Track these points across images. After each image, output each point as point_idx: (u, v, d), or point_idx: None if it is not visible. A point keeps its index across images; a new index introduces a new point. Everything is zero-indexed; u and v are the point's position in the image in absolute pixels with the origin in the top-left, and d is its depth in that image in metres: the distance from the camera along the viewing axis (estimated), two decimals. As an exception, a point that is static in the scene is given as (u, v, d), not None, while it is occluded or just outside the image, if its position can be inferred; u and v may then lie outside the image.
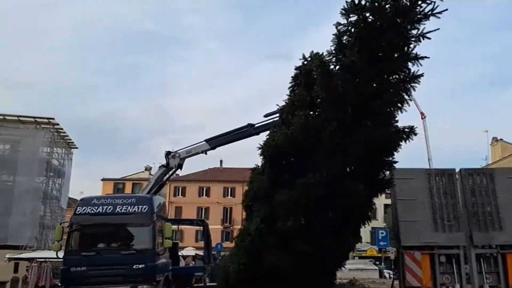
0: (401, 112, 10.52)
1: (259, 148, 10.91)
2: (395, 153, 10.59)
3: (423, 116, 48.68)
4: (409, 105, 10.58)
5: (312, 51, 10.32)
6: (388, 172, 10.85)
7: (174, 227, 20.22)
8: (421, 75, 10.19)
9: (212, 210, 57.37)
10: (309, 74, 10.26)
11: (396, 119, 10.63)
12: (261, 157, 10.96)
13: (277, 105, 11.05)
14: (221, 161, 62.85)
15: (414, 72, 10.29)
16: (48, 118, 36.32)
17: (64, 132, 38.78)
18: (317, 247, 9.54)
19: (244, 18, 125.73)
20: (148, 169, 63.09)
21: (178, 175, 63.00)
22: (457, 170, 10.97)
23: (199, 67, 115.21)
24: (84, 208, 13.74)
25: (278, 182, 10.26)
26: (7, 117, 35.45)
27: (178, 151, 17.45)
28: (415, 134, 10.57)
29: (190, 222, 24.08)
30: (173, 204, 57.71)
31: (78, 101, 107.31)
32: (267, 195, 10.30)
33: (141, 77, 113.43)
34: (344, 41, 10.15)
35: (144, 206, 13.97)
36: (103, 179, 62.12)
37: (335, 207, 9.86)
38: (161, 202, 16.02)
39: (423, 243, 10.18)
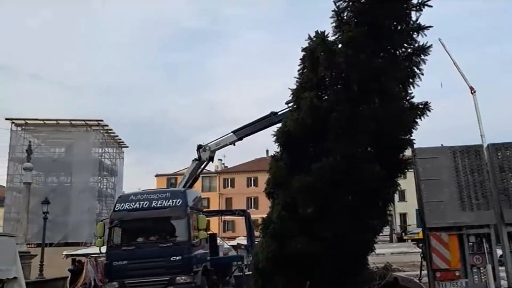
0: (413, 87, 10.18)
1: (274, 135, 10.93)
2: (413, 131, 10.28)
3: (472, 91, 46.23)
4: (420, 80, 10.20)
5: (317, 30, 10.14)
6: (409, 153, 10.54)
7: (210, 218, 20.76)
8: (430, 46, 9.83)
9: (261, 200, 57.78)
10: (313, 54, 10.11)
11: (412, 94, 10.31)
12: (277, 144, 10.96)
13: (289, 88, 10.97)
14: (267, 151, 63.18)
15: (423, 44, 9.91)
16: (97, 120, 38.25)
17: (114, 133, 40.67)
18: (337, 232, 9.47)
19: (287, 6, 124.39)
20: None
21: (226, 165, 64.56)
22: (485, 146, 10.46)
23: (245, 59, 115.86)
24: (122, 204, 14.45)
25: (294, 168, 10.24)
26: (60, 122, 37.70)
27: (208, 144, 17.89)
28: (429, 110, 10.19)
29: (232, 212, 24.49)
30: (223, 196, 58.88)
31: (132, 100, 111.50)
32: (285, 182, 10.31)
33: (189, 72, 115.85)
34: (343, 18, 9.94)
35: (178, 200, 14.46)
36: (156, 175, 64.39)
37: (353, 190, 9.70)
38: (196, 196, 16.50)
39: (450, 224, 9.78)
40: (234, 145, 17.83)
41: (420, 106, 10.22)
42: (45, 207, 23.93)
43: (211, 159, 18.26)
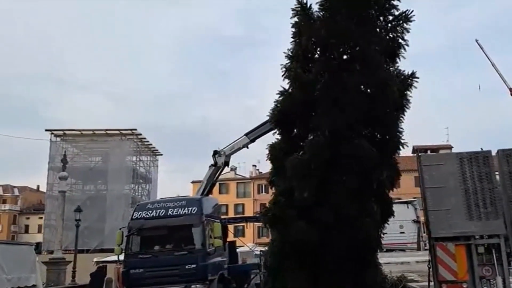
0: (399, 59, 9.95)
1: (268, 117, 10.76)
2: (405, 107, 9.96)
3: (512, 93, 44.13)
4: (405, 50, 9.96)
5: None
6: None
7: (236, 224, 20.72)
8: (412, 15, 9.68)
9: None
10: (298, 25, 10.03)
11: (396, 66, 10.06)
12: (272, 125, 10.81)
13: (280, 64, 10.86)
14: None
15: (405, 12, 9.74)
16: (131, 130, 39.43)
17: (148, 141, 41.77)
18: (337, 216, 9.17)
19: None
20: (233, 169, 65.12)
21: (261, 171, 64.23)
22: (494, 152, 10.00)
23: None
24: (140, 213, 14.77)
25: (290, 149, 10.09)
26: (96, 132, 39.15)
27: (223, 149, 17.93)
28: (416, 81, 9.86)
29: (256, 218, 24.46)
30: (258, 202, 58.92)
31: (175, 108, 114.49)
32: (282, 166, 10.15)
33: (230, 79, 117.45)
34: None
35: (194, 208, 14.62)
36: (192, 182, 65.44)
37: (347, 170, 9.39)
38: (213, 203, 16.62)
39: (457, 233, 9.39)
40: (247, 147, 17.79)
41: (405, 76, 9.93)
42: (78, 215, 24.82)
43: (226, 164, 18.21)
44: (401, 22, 9.75)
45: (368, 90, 9.88)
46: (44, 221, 38.41)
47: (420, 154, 10.14)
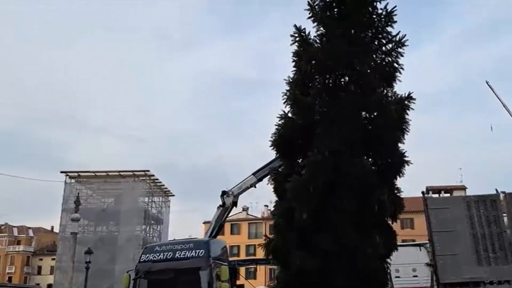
0: (395, 83, 10.19)
1: (270, 141, 10.88)
2: (405, 129, 10.03)
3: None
4: (401, 74, 10.29)
5: (295, 25, 10.49)
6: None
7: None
8: (405, 40, 10.04)
9: None
10: (297, 52, 10.39)
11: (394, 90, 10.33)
12: (274, 150, 10.92)
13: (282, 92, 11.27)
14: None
15: (399, 37, 10.10)
16: (144, 171, 39.80)
17: (160, 182, 42.02)
18: (337, 244, 9.01)
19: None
20: (245, 209, 64.68)
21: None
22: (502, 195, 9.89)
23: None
24: (147, 255, 14.75)
25: (291, 173, 10.11)
26: (110, 173, 39.60)
27: (232, 189, 17.96)
28: (413, 102, 9.98)
29: (266, 261, 24.06)
30: (270, 243, 57.99)
31: (190, 149, 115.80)
32: (284, 190, 10.15)
33: (244, 120, 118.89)
34: (315, 7, 10.41)
35: (201, 251, 14.55)
36: (204, 222, 65.06)
37: (348, 189, 9.31)
38: (220, 246, 16.52)
39: (466, 279, 9.20)
40: (255, 187, 17.80)
41: (403, 98, 10.09)
42: (88, 257, 24.76)
43: (235, 204, 18.22)
44: (395, 46, 10.13)
45: (365, 113, 10.12)
46: (55, 263, 38.29)
47: (426, 196, 10.04)
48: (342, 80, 10.21)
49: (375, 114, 9.80)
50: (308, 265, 9.01)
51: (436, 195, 49.69)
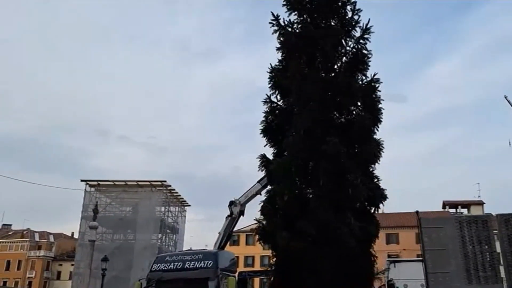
0: (366, 68, 10.77)
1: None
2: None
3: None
4: (369, 60, 11.35)
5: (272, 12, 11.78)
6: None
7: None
8: (370, 27, 11.37)
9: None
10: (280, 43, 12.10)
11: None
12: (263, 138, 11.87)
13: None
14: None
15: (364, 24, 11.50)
16: (161, 181, 40.67)
17: (177, 192, 42.82)
18: (319, 226, 9.57)
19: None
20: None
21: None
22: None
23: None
24: (158, 265, 15.40)
25: (277, 156, 11.48)
26: (128, 183, 40.59)
27: (239, 199, 18.34)
28: (379, 82, 10.71)
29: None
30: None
31: (210, 158, 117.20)
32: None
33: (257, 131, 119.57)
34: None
35: (210, 261, 15.12)
36: (219, 232, 65.54)
37: (323, 172, 9.92)
38: (229, 257, 17.04)
39: (456, 297, 9.56)
40: (260, 194, 18.18)
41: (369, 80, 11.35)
42: (104, 264, 25.60)
43: (242, 213, 18.42)
44: (362, 33, 10.98)
45: (332, 93, 10.87)
46: (74, 269, 39.29)
47: (420, 217, 10.44)
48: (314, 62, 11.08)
49: (343, 95, 10.59)
50: (292, 245, 9.66)
51: (453, 210, 49.34)
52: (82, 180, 40.36)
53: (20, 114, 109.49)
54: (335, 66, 11.36)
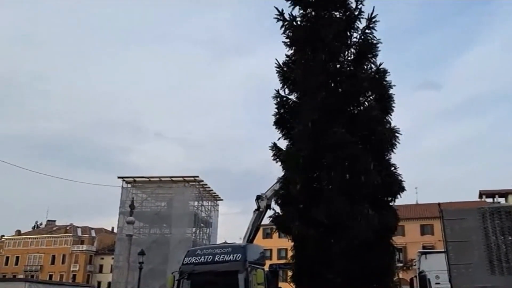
0: (372, 57, 11.18)
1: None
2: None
3: None
4: (377, 49, 11.43)
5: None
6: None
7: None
8: (375, 16, 11.28)
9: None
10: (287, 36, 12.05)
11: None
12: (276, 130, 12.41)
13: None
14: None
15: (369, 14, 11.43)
16: (194, 177, 41.61)
17: (209, 187, 43.67)
18: (332, 216, 9.75)
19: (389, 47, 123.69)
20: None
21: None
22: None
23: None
24: (190, 258, 16.00)
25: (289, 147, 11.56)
26: (162, 179, 41.74)
27: (265, 193, 18.56)
28: (387, 72, 10.65)
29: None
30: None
31: (244, 152, 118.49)
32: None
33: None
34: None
35: (238, 255, 15.58)
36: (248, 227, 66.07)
37: (334, 161, 10.09)
38: (257, 250, 17.44)
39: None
40: None
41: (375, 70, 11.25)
42: (141, 258, 26.58)
43: (268, 207, 18.61)
44: (368, 23, 11.05)
45: (335, 82, 11.03)
46: (113, 262, 40.82)
47: (442, 209, 10.43)
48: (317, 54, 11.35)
49: (348, 84, 10.70)
50: (306, 234, 9.92)
51: (490, 200, 47.89)
52: (119, 177, 41.81)
53: (61, 114, 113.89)
54: (340, 57, 11.51)
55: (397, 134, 11.06)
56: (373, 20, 11.54)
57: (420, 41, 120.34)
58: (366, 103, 11.29)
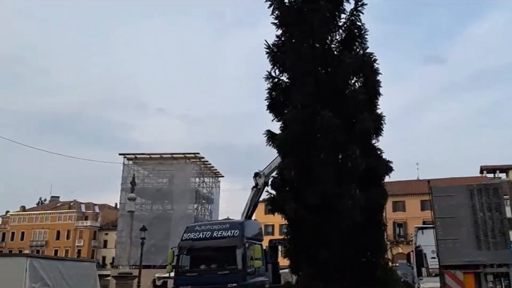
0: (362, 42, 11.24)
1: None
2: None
3: None
4: (364, 32, 11.44)
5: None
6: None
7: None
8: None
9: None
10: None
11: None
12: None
13: None
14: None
15: None
16: (194, 153, 41.88)
17: (210, 164, 44.02)
18: (324, 197, 10.13)
19: (394, 22, 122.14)
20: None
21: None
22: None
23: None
24: (188, 234, 16.38)
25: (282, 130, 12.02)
26: (163, 155, 42.06)
27: (263, 170, 18.79)
28: (374, 57, 11.17)
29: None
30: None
31: (247, 127, 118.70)
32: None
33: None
34: None
35: (236, 231, 15.93)
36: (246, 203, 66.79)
37: (323, 144, 10.43)
38: (255, 226, 17.79)
39: (465, 262, 9.80)
40: None
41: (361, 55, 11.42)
42: (143, 233, 27.08)
43: (266, 184, 18.80)
44: (355, 7, 11.17)
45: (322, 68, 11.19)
46: (116, 238, 41.56)
47: (431, 186, 10.65)
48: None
49: (335, 68, 10.90)
50: (301, 214, 10.30)
51: (491, 175, 48.11)
52: (120, 154, 42.17)
53: (63, 91, 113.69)
54: (327, 41, 11.58)
55: (382, 121, 11.29)
56: (361, 2, 11.57)
57: (426, 14, 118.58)
58: (353, 87, 11.43)
